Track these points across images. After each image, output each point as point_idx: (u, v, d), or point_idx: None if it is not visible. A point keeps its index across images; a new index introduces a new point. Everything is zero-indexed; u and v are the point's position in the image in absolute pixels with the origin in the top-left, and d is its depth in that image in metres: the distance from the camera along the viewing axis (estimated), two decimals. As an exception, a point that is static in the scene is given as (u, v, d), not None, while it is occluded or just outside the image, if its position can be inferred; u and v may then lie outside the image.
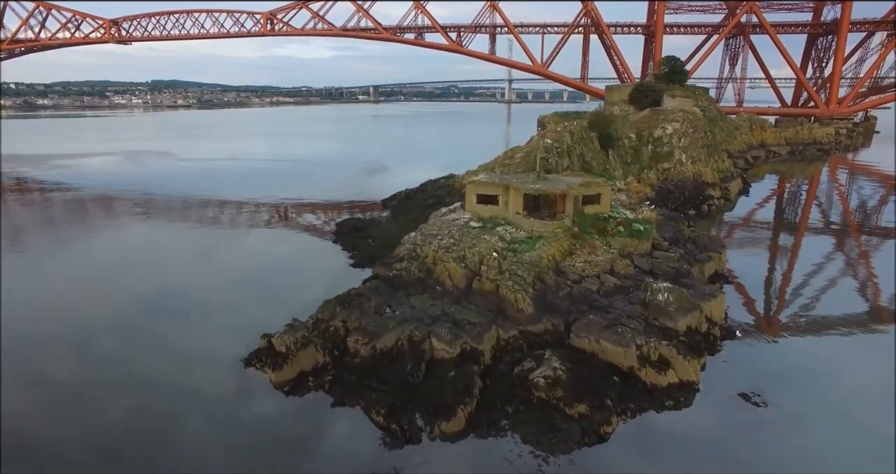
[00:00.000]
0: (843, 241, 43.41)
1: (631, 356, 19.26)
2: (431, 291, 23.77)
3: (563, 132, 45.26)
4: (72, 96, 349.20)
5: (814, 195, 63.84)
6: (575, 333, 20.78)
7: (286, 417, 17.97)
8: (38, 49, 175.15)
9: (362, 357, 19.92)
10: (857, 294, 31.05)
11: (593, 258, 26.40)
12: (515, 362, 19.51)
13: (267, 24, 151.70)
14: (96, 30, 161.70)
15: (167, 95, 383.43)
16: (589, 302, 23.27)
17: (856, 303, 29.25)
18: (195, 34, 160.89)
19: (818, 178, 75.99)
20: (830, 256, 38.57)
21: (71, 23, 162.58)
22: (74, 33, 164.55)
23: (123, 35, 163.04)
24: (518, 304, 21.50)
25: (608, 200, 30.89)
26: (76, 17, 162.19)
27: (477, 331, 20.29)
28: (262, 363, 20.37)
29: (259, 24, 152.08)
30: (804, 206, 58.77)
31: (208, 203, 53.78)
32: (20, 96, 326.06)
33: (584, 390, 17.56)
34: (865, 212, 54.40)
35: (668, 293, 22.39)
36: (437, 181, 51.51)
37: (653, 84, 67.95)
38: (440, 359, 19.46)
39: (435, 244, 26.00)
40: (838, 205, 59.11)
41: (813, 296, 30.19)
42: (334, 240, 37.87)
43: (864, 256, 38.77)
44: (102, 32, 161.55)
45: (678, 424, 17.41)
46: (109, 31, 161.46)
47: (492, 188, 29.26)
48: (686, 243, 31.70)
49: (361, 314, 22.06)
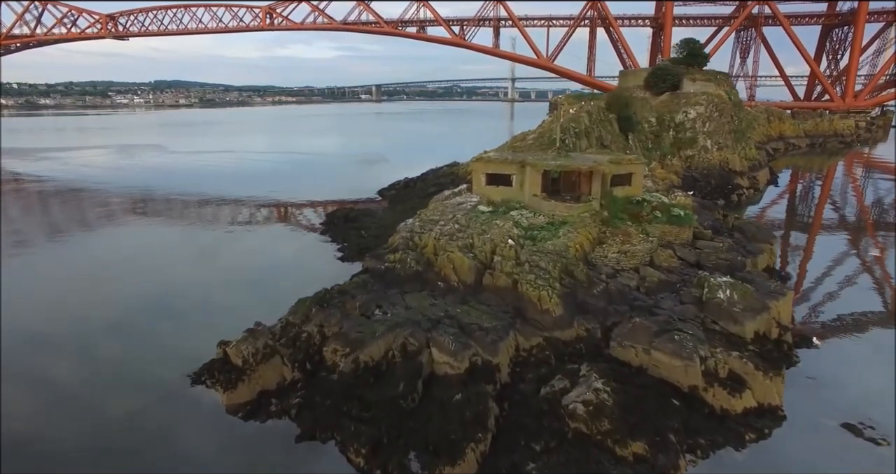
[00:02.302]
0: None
1: (694, 372, 14.59)
2: (432, 288, 19.18)
3: (581, 112, 40.65)
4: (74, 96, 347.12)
5: (828, 191, 57.59)
6: (616, 341, 16.12)
7: (234, 455, 13.42)
8: (34, 45, 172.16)
9: (341, 372, 15.33)
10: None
11: (629, 248, 21.74)
12: (542, 380, 14.86)
13: (266, 19, 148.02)
14: (92, 25, 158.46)
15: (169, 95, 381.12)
16: (629, 301, 18.61)
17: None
18: (193, 29, 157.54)
19: (833, 174, 69.80)
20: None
21: (67, 18, 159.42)
22: (71, 29, 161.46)
23: (120, 30, 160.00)
24: (543, 304, 16.85)
25: (640, 181, 26.25)
26: (72, 13, 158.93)
27: (490, 339, 15.64)
28: (213, 379, 15.84)
29: (258, 19, 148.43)
30: (819, 203, 52.59)
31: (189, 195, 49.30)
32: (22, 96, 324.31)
33: (637, 420, 12.90)
34: (882, 209, 47.82)
35: (731, 289, 17.69)
36: (439, 170, 46.92)
37: (671, 67, 62.86)
38: (442, 377, 14.86)
39: (436, 231, 21.40)
40: (853, 201, 52.90)
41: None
42: (322, 232, 33.28)
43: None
44: (99, 28, 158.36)
45: (767, 465, 12.75)
46: (106, 27, 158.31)
47: (504, 166, 24.64)
48: (731, 232, 26.96)
49: (343, 316, 17.50)
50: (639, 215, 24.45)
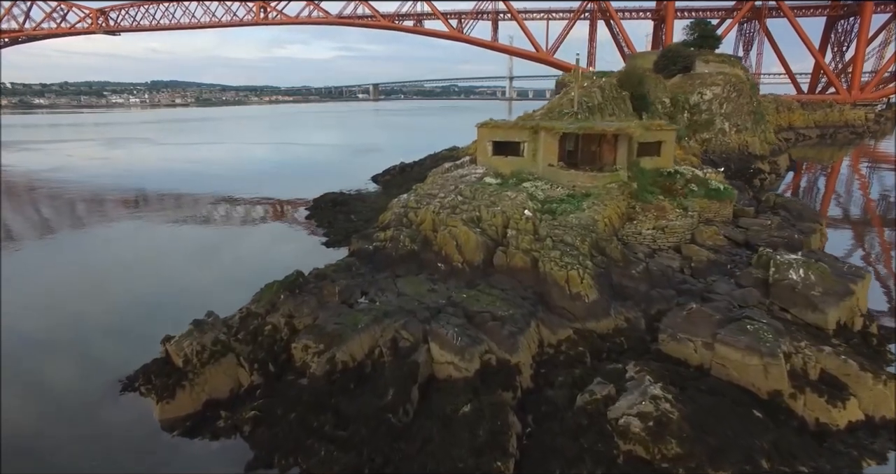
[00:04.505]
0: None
1: (778, 373, 10.98)
2: (430, 270, 15.61)
3: (593, 87, 37.08)
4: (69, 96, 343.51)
5: (833, 187, 53.09)
6: (667, 333, 12.53)
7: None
8: (23, 40, 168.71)
9: (313, 376, 11.74)
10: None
11: (666, 223, 18.17)
12: (576, 385, 11.23)
13: (260, 13, 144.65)
14: (83, 20, 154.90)
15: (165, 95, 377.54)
16: (674, 284, 15.06)
17: None
18: (185, 24, 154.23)
19: (838, 168, 65.44)
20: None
21: (56, 13, 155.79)
22: (60, 24, 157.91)
23: (111, 25, 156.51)
24: (572, 287, 13.25)
25: (672, 151, 22.71)
26: (61, 7, 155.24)
27: (507, 332, 12.03)
28: (149, 385, 12.22)
29: (251, 13, 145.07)
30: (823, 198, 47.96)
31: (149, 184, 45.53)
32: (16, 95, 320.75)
33: (718, 441, 9.31)
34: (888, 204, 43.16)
35: (806, 269, 14.10)
36: (437, 154, 43.30)
37: (682, 49, 59.41)
38: (445, 382, 11.28)
39: (435, 204, 17.79)
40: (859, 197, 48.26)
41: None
42: (307, 217, 29.60)
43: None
44: (89, 23, 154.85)
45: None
46: (97, 21, 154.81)
47: (514, 132, 21.04)
48: (776, 209, 23.40)
49: (319, 305, 13.90)
50: (671, 188, 20.89)
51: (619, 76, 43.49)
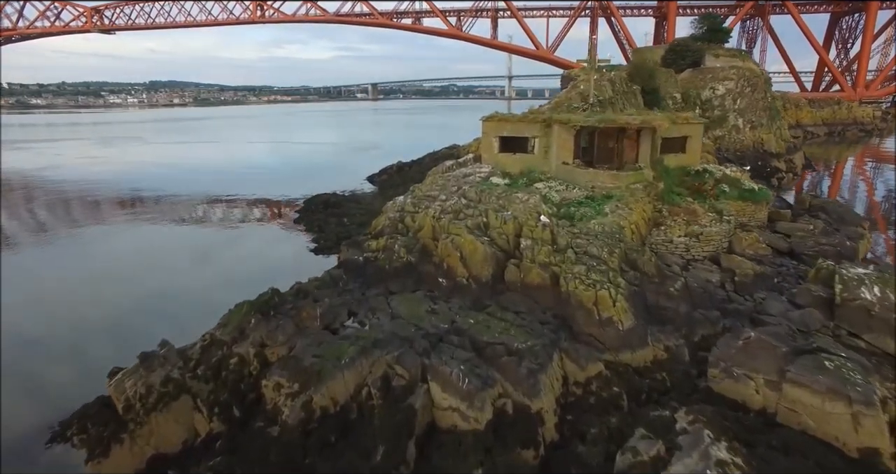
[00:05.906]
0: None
1: (874, 426, 8.66)
2: (430, 286, 13.29)
3: (603, 81, 34.80)
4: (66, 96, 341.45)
5: (837, 186, 50.57)
6: (720, 368, 10.21)
7: None
8: (16, 39, 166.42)
9: (285, 425, 9.41)
10: None
11: (700, 230, 15.85)
12: (612, 438, 8.91)
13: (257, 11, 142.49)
14: (77, 18, 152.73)
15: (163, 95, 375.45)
16: (717, 303, 12.74)
17: None
18: (181, 22, 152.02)
19: (861, 165, 63.04)
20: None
21: (50, 11, 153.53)
22: (54, 22, 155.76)
23: (106, 23, 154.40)
24: (603, 310, 10.93)
25: (698, 148, 20.40)
26: (55, 5, 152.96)
27: (525, 369, 9.70)
28: (83, 435, 9.91)
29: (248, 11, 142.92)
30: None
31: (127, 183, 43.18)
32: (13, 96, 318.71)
33: (813, 528, 7.01)
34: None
35: (882, 286, 11.77)
36: (437, 152, 41.01)
37: (691, 43, 57.07)
38: (449, 434, 8.95)
39: (435, 208, 15.47)
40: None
41: None
42: (296, 220, 27.27)
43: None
44: (84, 21, 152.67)
45: None
46: (91, 20, 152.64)
47: (523, 126, 18.71)
48: (814, 212, 21.08)
49: (296, 330, 11.59)
50: (700, 189, 18.59)
51: (630, 69, 41.21)
